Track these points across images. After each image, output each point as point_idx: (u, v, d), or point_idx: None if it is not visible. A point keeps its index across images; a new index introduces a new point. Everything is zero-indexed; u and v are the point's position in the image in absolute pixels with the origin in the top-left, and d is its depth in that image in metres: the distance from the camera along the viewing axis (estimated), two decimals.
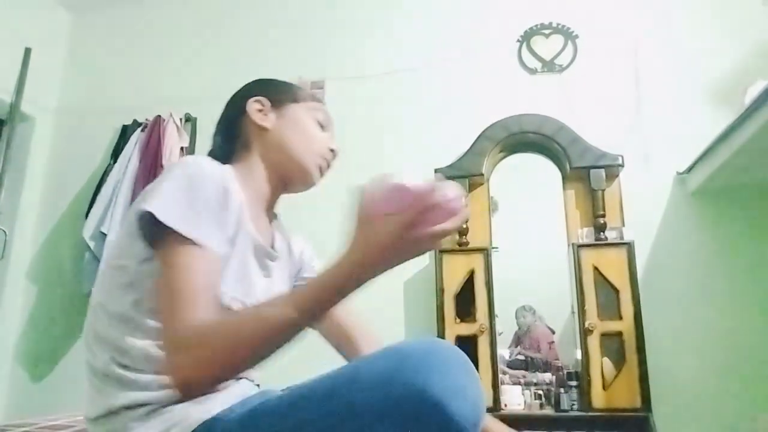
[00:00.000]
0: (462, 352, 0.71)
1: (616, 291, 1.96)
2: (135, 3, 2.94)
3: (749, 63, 2.14)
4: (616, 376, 1.89)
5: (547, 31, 2.43)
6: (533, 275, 2.24)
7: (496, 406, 1.92)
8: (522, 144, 2.25)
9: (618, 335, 1.92)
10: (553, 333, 2.18)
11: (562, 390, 1.96)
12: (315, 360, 1.12)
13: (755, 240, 2.04)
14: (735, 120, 1.67)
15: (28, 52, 2.71)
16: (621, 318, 1.93)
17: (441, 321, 2.04)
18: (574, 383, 1.94)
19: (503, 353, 2.12)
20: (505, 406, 1.94)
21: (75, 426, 1.19)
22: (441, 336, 2.01)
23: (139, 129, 2.61)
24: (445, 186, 0.71)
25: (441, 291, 2.07)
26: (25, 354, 2.61)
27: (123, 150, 2.57)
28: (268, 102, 1.02)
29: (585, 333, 1.93)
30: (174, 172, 0.82)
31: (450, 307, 2.05)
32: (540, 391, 2.00)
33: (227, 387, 0.88)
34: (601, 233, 2.05)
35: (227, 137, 1.04)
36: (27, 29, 2.78)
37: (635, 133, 2.22)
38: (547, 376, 2.04)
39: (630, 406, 1.85)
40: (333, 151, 1.05)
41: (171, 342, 0.72)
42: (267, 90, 1.04)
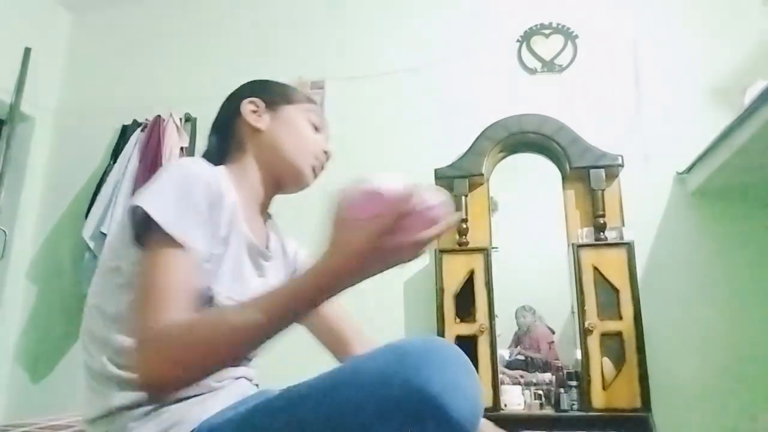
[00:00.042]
0: (460, 350, 0.71)
1: (615, 291, 1.96)
2: (135, 3, 2.94)
3: (749, 63, 2.14)
4: (615, 376, 1.89)
5: (547, 31, 2.43)
6: (533, 275, 2.24)
7: (495, 406, 1.92)
8: (522, 144, 2.25)
9: (618, 335, 1.92)
10: (553, 333, 2.18)
11: (562, 390, 1.96)
12: (314, 360, 1.12)
13: (755, 240, 2.04)
14: (735, 120, 1.67)
15: (27, 52, 2.71)
16: (621, 318, 1.93)
17: (441, 321, 2.04)
18: (573, 383, 1.94)
19: (503, 353, 2.12)
20: (505, 406, 1.94)
21: (75, 426, 1.19)
22: (441, 336, 2.00)
23: (139, 129, 2.61)
24: (427, 192, 0.67)
25: (441, 291, 2.07)
26: (25, 354, 2.61)
27: (123, 150, 2.57)
28: (262, 103, 1.02)
29: (585, 333, 1.93)
30: (166, 173, 0.82)
31: (450, 307, 2.05)
32: (540, 391, 2.00)
33: (226, 386, 0.88)
34: (601, 233, 2.05)
35: (222, 138, 1.04)
36: (27, 29, 2.78)
37: (635, 133, 2.22)
38: (547, 376, 2.05)
39: (630, 406, 1.85)
40: (326, 153, 1.05)
41: (138, 339, 0.71)
42: (262, 91, 1.04)
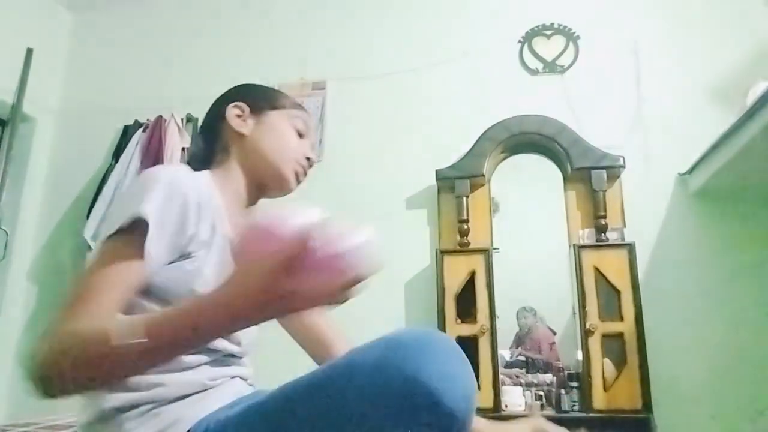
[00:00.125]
0: (454, 341, 0.71)
1: (617, 292, 1.95)
2: (136, 3, 2.95)
3: (751, 63, 2.14)
4: (617, 377, 1.89)
5: (549, 32, 2.43)
6: (534, 276, 2.23)
7: (496, 407, 1.92)
8: (523, 145, 2.25)
9: (619, 336, 1.92)
10: (554, 334, 2.17)
11: (562, 391, 1.96)
12: (310, 360, 1.12)
13: (756, 241, 2.03)
14: (737, 121, 1.67)
15: (29, 52, 2.71)
16: (622, 319, 1.93)
17: (442, 322, 2.03)
18: (574, 384, 1.94)
19: (504, 354, 2.12)
20: (506, 407, 1.94)
21: (75, 426, 1.19)
22: None
23: (141, 129, 2.61)
24: (345, 233, 0.59)
25: (442, 292, 2.06)
26: (26, 354, 2.61)
27: (124, 150, 2.57)
28: (247, 108, 1.03)
29: (586, 334, 1.93)
30: (140, 181, 0.82)
31: (451, 308, 2.05)
32: (541, 392, 2.00)
33: (221, 386, 0.88)
34: (602, 234, 2.05)
35: (207, 141, 1.05)
36: (28, 30, 2.79)
37: (636, 134, 2.22)
38: (548, 377, 2.04)
39: (631, 407, 1.84)
40: (309, 159, 1.05)
41: (44, 333, 0.71)
42: (247, 96, 1.05)
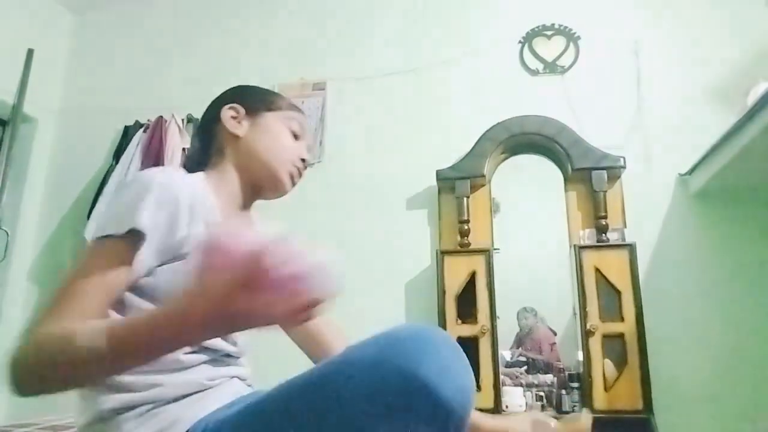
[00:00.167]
0: (451, 337, 0.71)
1: (617, 292, 1.95)
2: (137, 3, 2.95)
3: (751, 64, 2.14)
4: (617, 377, 1.89)
5: (549, 33, 2.43)
6: (535, 277, 2.23)
7: (497, 407, 1.92)
8: (524, 145, 2.25)
9: (620, 337, 1.92)
10: (555, 334, 2.17)
11: (563, 391, 1.96)
12: (308, 361, 1.12)
13: (757, 242, 2.03)
14: (737, 121, 1.66)
15: (30, 53, 2.71)
16: (623, 319, 1.92)
17: (442, 322, 2.03)
18: (575, 385, 1.94)
19: (504, 354, 2.12)
20: (507, 407, 1.94)
21: (75, 427, 1.19)
22: None
23: (141, 130, 2.61)
24: (301, 251, 0.58)
25: (442, 292, 2.06)
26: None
27: (125, 151, 2.57)
28: (242, 110, 1.03)
29: (586, 334, 1.92)
30: (133, 186, 0.83)
31: (451, 309, 2.04)
32: (541, 393, 1.99)
33: (219, 386, 0.88)
34: (603, 235, 2.05)
35: (203, 142, 1.05)
36: (29, 30, 2.79)
37: (637, 135, 2.21)
38: (549, 377, 2.04)
39: (631, 407, 1.84)
40: (304, 161, 1.05)
41: (24, 331, 0.72)
42: (243, 97, 1.05)
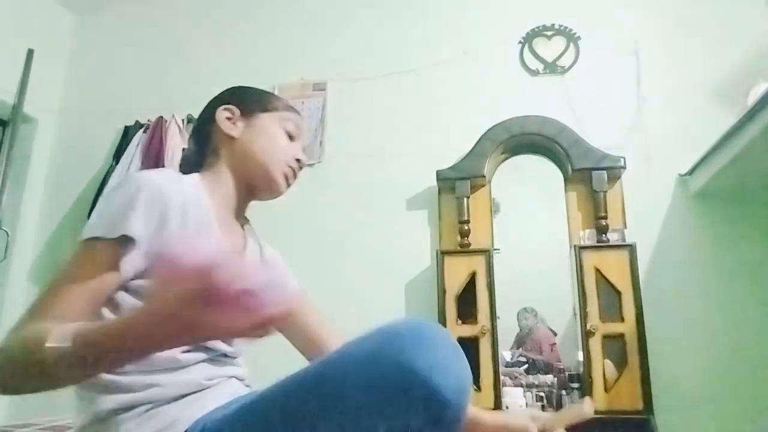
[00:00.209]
0: (448, 332, 0.71)
1: (617, 293, 1.95)
2: (137, 4, 2.95)
3: (751, 64, 2.13)
4: (617, 378, 1.89)
5: (549, 33, 2.43)
6: (535, 277, 2.23)
7: (497, 407, 1.92)
8: (524, 145, 2.25)
9: (620, 337, 1.92)
10: (555, 335, 2.17)
11: (563, 392, 1.96)
12: (306, 362, 1.11)
13: (757, 242, 2.03)
14: (737, 122, 1.67)
15: (30, 53, 2.71)
16: (623, 320, 1.92)
17: (442, 322, 2.03)
18: (575, 385, 1.94)
19: (505, 355, 2.12)
20: (507, 408, 1.94)
21: (74, 427, 1.19)
22: None
23: (141, 130, 2.61)
24: (253, 268, 0.57)
25: (442, 292, 2.06)
26: None
27: (125, 151, 2.57)
28: (237, 111, 1.03)
29: (587, 335, 1.92)
30: (124, 189, 0.83)
31: (451, 309, 2.04)
32: (541, 393, 1.99)
33: (217, 386, 0.88)
34: (603, 235, 2.05)
35: (198, 144, 1.06)
36: (29, 30, 2.79)
37: (637, 135, 2.21)
38: (549, 378, 2.04)
39: (632, 408, 1.84)
40: (299, 162, 1.05)
41: (7, 332, 0.73)
42: (238, 99, 1.05)
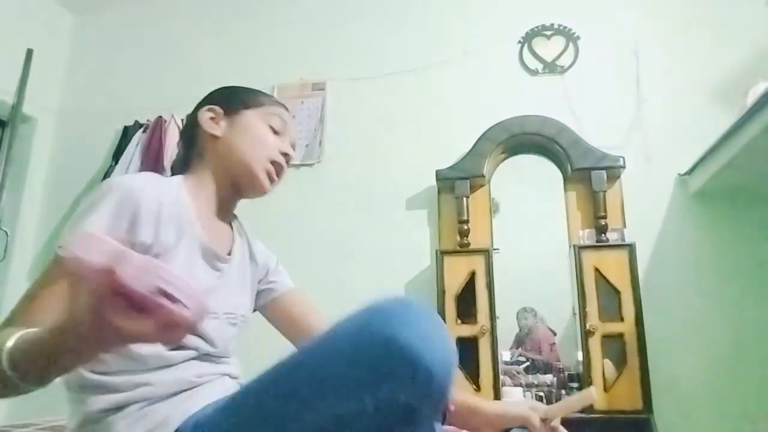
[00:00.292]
0: (432, 310, 0.71)
1: (617, 292, 1.95)
2: (137, 4, 2.95)
3: (751, 64, 2.14)
4: (617, 377, 1.89)
5: (549, 33, 2.43)
6: (534, 277, 2.23)
7: None
8: (523, 145, 2.25)
9: (619, 337, 1.92)
10: (555, 335, 2.17)
11: (563, 392, 1.96)
12: None
13: (756, 241, 2.03)
14: (737, 121, 1.67)
15: (29, 53, 2.71)
16: (622, 320, 1.92)
17: None
18: (575, 385, 1.94)
19: (504, 355, 2.12)
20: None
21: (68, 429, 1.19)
22: None
23: (141, 130, 2.61)
24: (166, 269, 0.52)
25: (442, 292, 2.06)
26: None
27: (124, 151, 2.57)
28: (220, 110, 1.03)
29: (586, 335, 1.92)
30: (94, 194, 0.84)
31: (451, 309, 2.04)
32: (541, 393, 1.99)
33: (209, 383, 0.89)
34: (603, 235, 2.05)
35: (186, 146, 1.07)
36: (29, 30, 2.78)
37: (636, 135, 2.22)
38: (548, 377, 2.04)
39: (631, 407, 1.84)
40: (286, 155, 1.03)
41: None
42: (221, 98, 1.06)
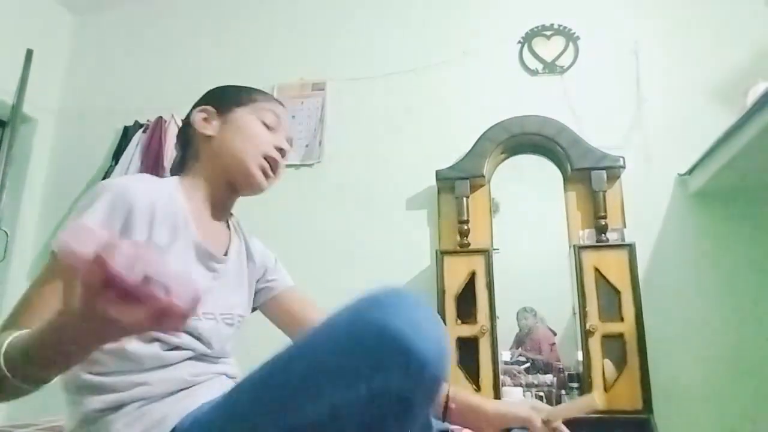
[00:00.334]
0: (424, 299, 0.70)
1: (617, 292, 1.95)
2: (136, 4, 2.95)
3: (751, 64, 2.14)
4: (617, 377, 1.89)
5: (549, 33, 2.43)
6: (534, 277, 2.23)
7: None
8: (523, 145, 2.25)
9: (619, 337, 1.92)
10: (555, 335, 2.17)
11: (563, 392, 1.96)
12: None
13: (756, 241, 2.03)
14: (736, 121, 1.67)
15: (29, 53, 2.71)
16: (622, 319, 1.92)
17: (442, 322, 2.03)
18: (575, 385, 1.94)
19: (504, 355, 2.12)
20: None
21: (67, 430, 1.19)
22: None
23: (141, 130, 2.61)
24: (155, 258, 0.52)
25: (442, 292, 2.06)
26: None
27: (124, 151, 2.58)
28: (213, 110, 1.03)
29: (586, 335, 1.92)
30: (88, 195, 0.84)
31: (451, 309, 2.04)
32: (541, 393, 1.99)
33: (206, 382, 0.89)
34: (602, 235, 2.05)
35: (181, 148, 1.07)
36: (29, 30, 2.78)
37: (636, 135, 2.22)
38: (549, 377, 2.04)
39: (631, 407, 1.84)
40: (281, 150, 1.03)
41: None
42: (214, 98, 1.06)
